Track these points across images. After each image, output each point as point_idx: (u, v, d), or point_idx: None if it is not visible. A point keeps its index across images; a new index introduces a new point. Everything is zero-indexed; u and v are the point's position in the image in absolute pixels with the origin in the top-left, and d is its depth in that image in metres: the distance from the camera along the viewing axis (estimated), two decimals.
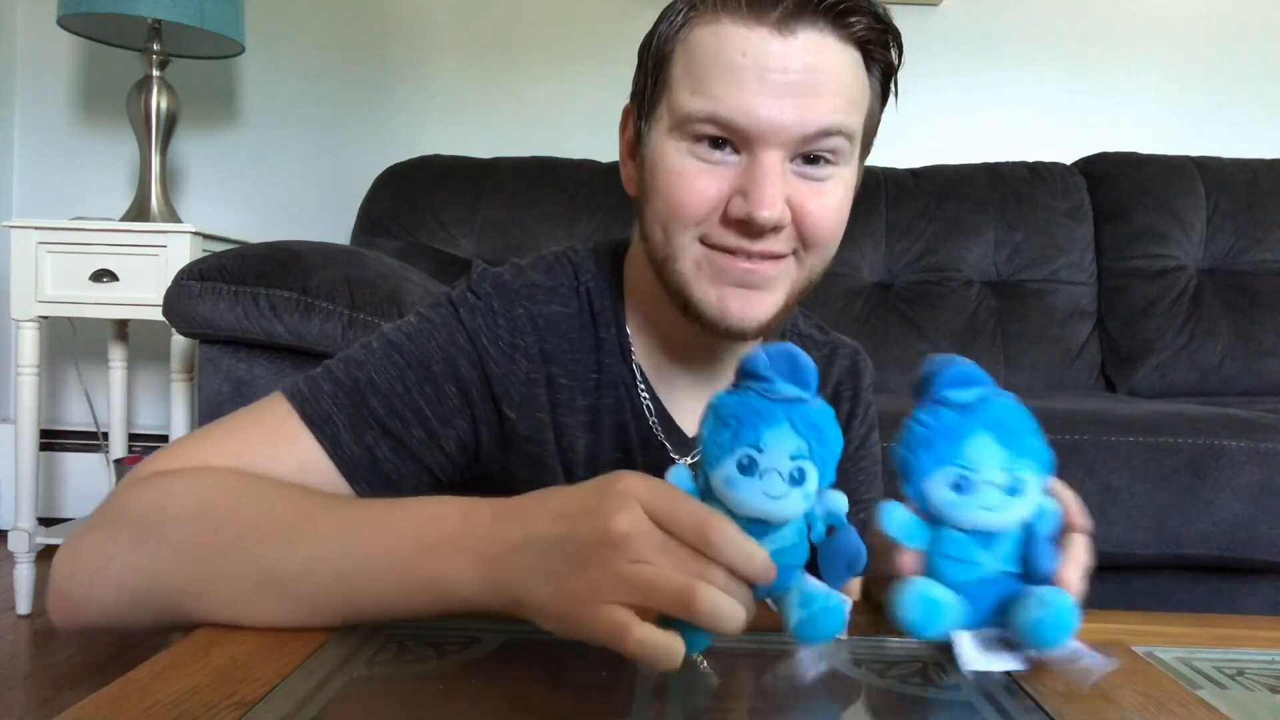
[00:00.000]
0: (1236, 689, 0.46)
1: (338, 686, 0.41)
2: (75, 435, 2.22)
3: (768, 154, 0.58)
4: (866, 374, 0.81)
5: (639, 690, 0.42)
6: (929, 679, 0.46)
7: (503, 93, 2.24)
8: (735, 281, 0.61)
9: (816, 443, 0.44)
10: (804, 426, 0.44)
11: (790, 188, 0.59)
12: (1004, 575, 0.47)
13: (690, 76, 0.59)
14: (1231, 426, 1.31)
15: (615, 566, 0.40)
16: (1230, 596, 1.36)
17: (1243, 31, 2.24)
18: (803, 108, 0.57)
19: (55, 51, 2.22)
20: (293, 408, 0.59)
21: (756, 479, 0.43)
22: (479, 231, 1.90)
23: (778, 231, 0.59)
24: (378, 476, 0.60)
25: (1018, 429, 0.46)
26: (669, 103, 0.61)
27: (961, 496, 0.45)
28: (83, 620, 0.53)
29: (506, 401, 0.65)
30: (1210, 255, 1.99)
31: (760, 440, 0.43)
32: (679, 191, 0.60)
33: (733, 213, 0.59)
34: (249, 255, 1.22)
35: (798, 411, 0.44)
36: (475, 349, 0.64)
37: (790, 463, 0.43)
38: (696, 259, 0.61)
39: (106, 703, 0.39)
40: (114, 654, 1.53)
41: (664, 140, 0.61)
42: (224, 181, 2.26)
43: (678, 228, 0.61)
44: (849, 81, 0.60)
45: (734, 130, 0.58)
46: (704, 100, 0.58)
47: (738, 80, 0.57)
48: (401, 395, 0.61)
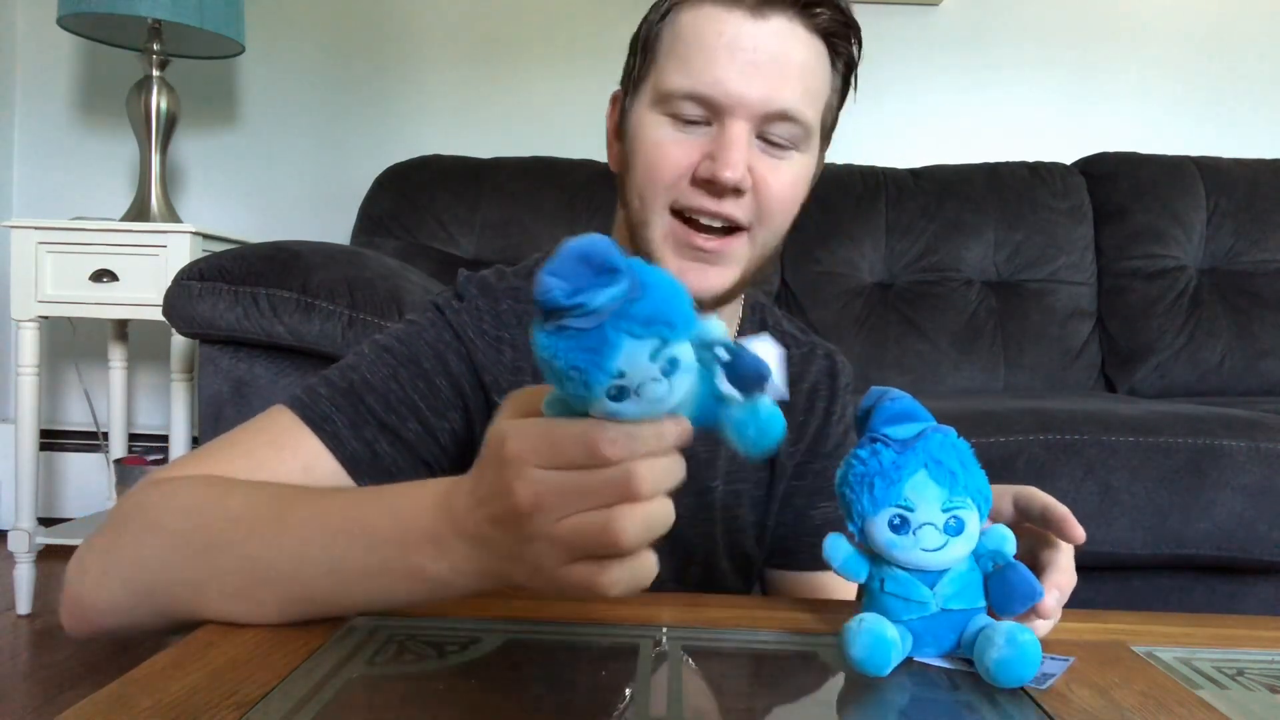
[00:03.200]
0: (1236, 689, 0.46)
1: (338, 686, 0.41)
2: (75, 435, 2.22)
3: (735, 124, 0.63)
4: (844, 375, 0.83)
5: (639, 690, 0.42)
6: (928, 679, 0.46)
7: (503, 93, 2.24)
8: (694, 256, 0.66)
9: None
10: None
11: (753, 158, 0.64)
12: (951, 612, 0.46)
13: (673, 56, 0.65)
14: (1231, 426, 1.31)
15: (542, 533, 0.39)
16: (1230, 596, 1.36)
17: (1243, 31, 2.24)
18: (769, 86, 0.63)
19: (55, 51, 2.22)
20: (294, 414, 0.61)
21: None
22: (479, 231, 1.90)
23: (739, 195, 0.64)
24: (379, 471, 0.62)
25: (956, 466, 0.46)
26: (654, 80, 0.66)
27: (901, 537, 0.45)
28: (93, 621, 0.53)
29: (495, 390, 0.68)
30: (1210, 255, 1.99)
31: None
32: (657, 158, 0.65)
33: (701, 174, 0.63)
34: (249, 255, 1.22)
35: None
36: (462, 343, 0.68)
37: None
38: (665, 230, 0.66)
39: (106, 703, 0.39)
40: (114, 654, 1.53)
41: (645, 114, 0.66)
42: (224, 181, 2.26)
43: (652, 193, 0.66)
44: (812, 72, 0.65)
45: (706, 101, 0.63)
46: (683, 77, 0.64)
47: (714, 57, 0.63)
48: (396, 392, 0.64)
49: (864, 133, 2.17)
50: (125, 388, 2.05)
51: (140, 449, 2.15)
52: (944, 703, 0.43)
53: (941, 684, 0.45)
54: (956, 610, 0.46)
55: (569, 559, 0.39)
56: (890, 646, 0.45)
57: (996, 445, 1.27)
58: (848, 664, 0.45)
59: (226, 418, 1.20)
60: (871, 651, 0.44)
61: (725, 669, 0.46)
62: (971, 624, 0.47)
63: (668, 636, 0.49)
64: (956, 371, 1.85)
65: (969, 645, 0.46)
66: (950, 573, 0.46)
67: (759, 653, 0.49)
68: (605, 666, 0.44)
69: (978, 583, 0.47)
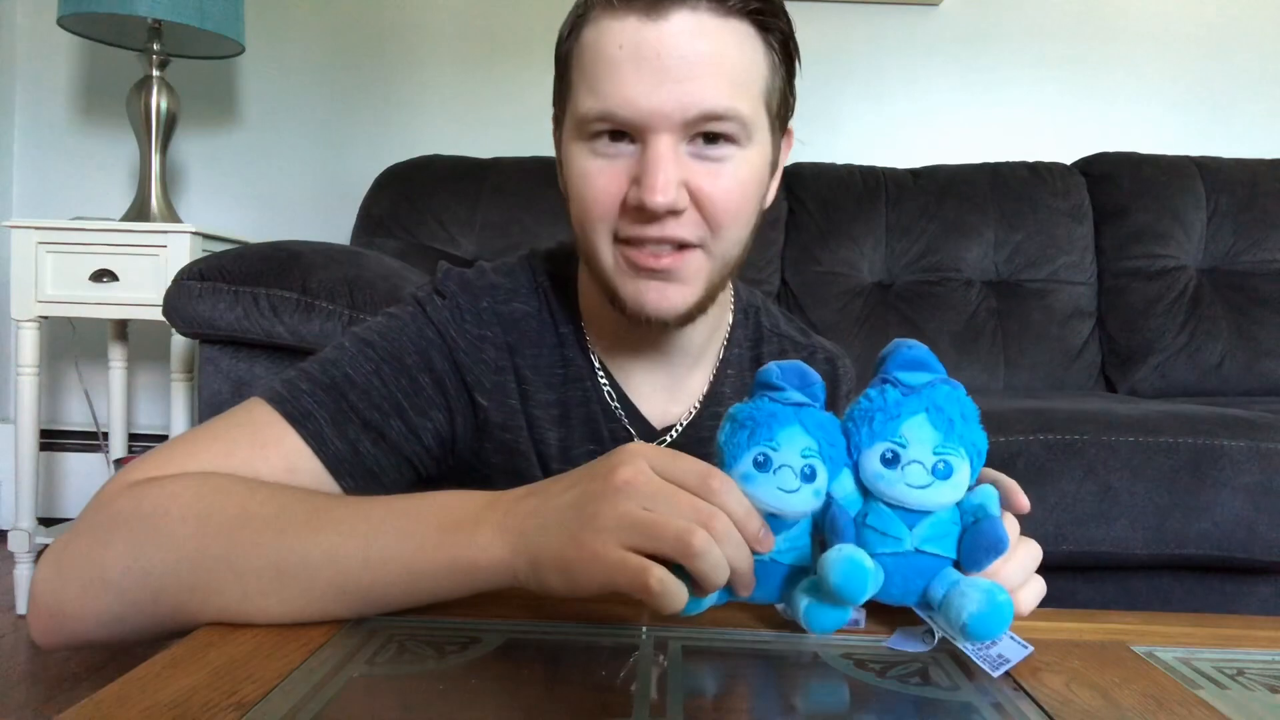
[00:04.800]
0: (1236, 689, 0.46)
1: (338, 686, 0.41)
2: (75, 435, 2.22)
3: (657, 140, 0.59)
4: (845, 382, 0.83)
5: (639, 690, 0.42)
6: (929, 679, 0.46)
7: (503, 93, 2.24)
8: (648, 275, 0.62)
9: (826, 443, 0.48)
10: (814, 427, 0.48)
11: (687, 171, 0.60)
12: (922, 555, 0.48)
13: (583, 78, 0.61)
14: (1231, 426, 1.31)
15: (621, 508, 0.43)
16: (1230, 596, 1.36)
17: (1242, 31, 2.24)
18: (681, 93, 0.57)
19: (55, 51, 2.22)
20: (274, 409, 0.60)
21: (771, 474, 0.47)
22: (479, 231, 1.90)
23: (677, 216, 0.60)
24: (361, 471, 0.61)
25: (955, 415, 0.47)
26: (572, 107, 0.62)
27: (889, 471, 0.47)
28: (71, 633, 0.51)
29: (478, 389, 0.67)
30: (1210, 255, 1.99)
31: (775, 439, 0.47)
32: (586, 191, 0.62)
33: (630, 201, 0.60)
34: (249, 255, 1.22)
35: (808, 415, 0.48)
36: (444, 341, 0.67)
37: (802, 460, 0.47)
38: (614, 257, 0.63)
39: (106, 703, 0.39)
40: (114, 654, 1.53)
41: (570, 144, 0.63)
42: (224, 181, 2.26)
43: (590, 227, 0.63)
44: (733, 62, 0.59)
45: (621, 123, 0.59)
46: (593, 99, 0.59)
47: (617, 73, 0.58)
48: (379, 389, 0.63)
49: (864, 133, 2.17)
50: (125, 388, 2.05)
51: (140, 449, 2.15)
52: (944, 703, 0.43)
53: (942, 684, 0.45)
54: (929, 555, 0.48)
55: (623, 542, 0.42)
56: (867, 575, 0.46)
57: (996, 445, 1.26)
58: (825, 592, 0.46)
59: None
60: (848, 579, 0.45)
61: (725, 669, 0.46)
62: (940, 577, 0.48)
63: (668, 637, 0.49)
64: (956, 371, 1.84)
65: (937, 601, 0.47)
66: (931, 517, 0.48)
67: (759, 653, 0.49)
68: (605, 666, 0.44)
69: (954, 536, 0.48)
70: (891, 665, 0.47)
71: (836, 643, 0.50)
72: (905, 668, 0.47)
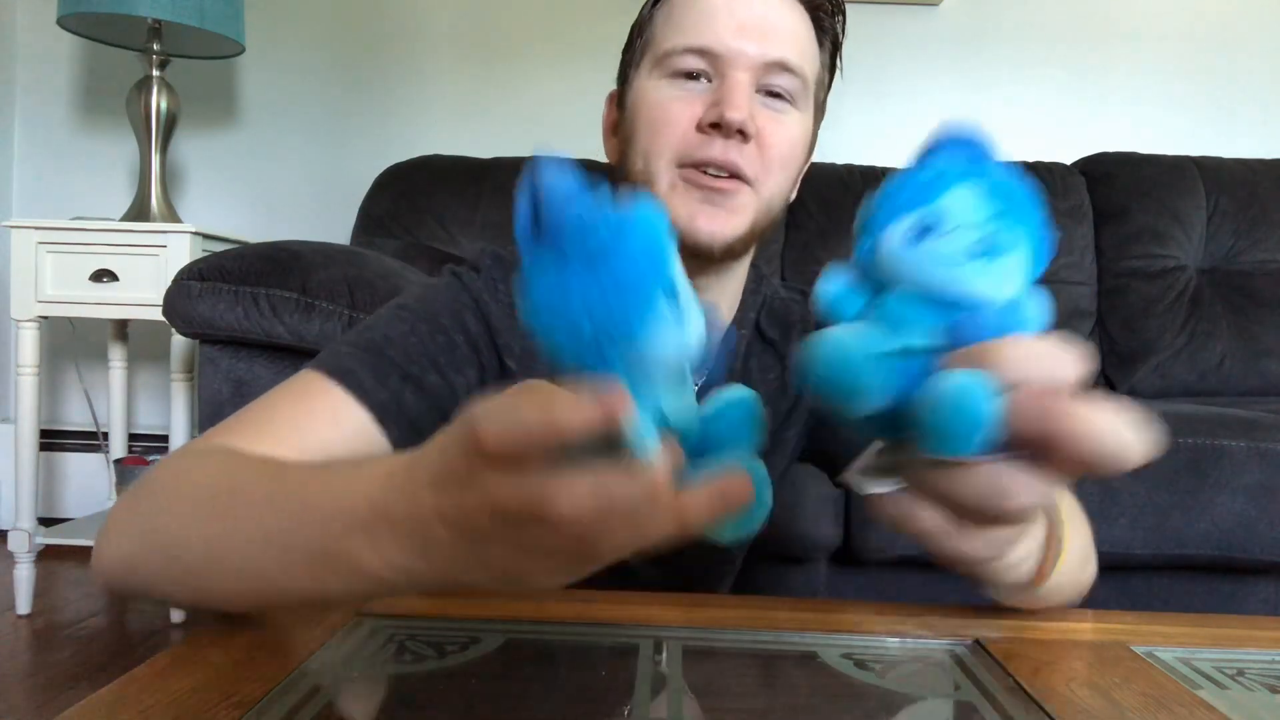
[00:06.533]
0: (1236, 689, 0.46)
1: (338, 686, 0.41)
2: (75, 435, 2.22)
3: (735, 73, 0.65)
4: None
5: (639, 690, 0.42)
6: (929, 679, 0.46)
7: (503, 93, 2.24)
8: (705, 198, 0.66)
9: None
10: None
11: (755, 109, 0.66)
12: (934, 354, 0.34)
13: (670, 24, 0.68)
14: (1231, 426, 1.31)
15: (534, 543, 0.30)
16: (1230, 596, 1.36)
17: (1243, 31, 2.24)
18: (764, 42, 0.66)
19: (55, 51, 2.22)
20: (318, 372, 0.62)
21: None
22: (479, 231, 1.90)
23: (745, 141, 0.65)
24: (405, 421, 0.62)
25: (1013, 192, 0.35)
26: (652, 50, 0.69)
27: (916, 245, 0.34)
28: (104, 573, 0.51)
29: (509, 353, 0.70)
30: (1210, 255, 1.99)
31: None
32: (661, 114, 0.67)
33: (706, 120, 0.65)
34: (249, 255, 1.22)
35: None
36: (478, 305, 0.70)
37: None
38: (671, 180, 0.67)
39: (106, 703, 0.39)
40: (114, 654, 1.53)
41: (646, 82, 0.69)
42: (224, 181, 2.26)
43: (657, 150, 0.67)
44: (802, 36, 0.68)
45: (707, 54, 0.66)
46: (682, 36, 0.67)
47: (712, 17, 0.66)
48: (415, 345, 0.66)
49: (864, 133, 2.17)
50: (125, 388, 2.05)
51: (140, 449, 2.15)
52: (944, 703, 0.43)
53: (942, 684, 0.45)
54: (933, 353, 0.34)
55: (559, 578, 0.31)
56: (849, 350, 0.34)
57: None
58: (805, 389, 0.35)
59: (226, 418, 1.20)
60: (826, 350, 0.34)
61: (725, 669, 0.46)
62: None
63: (668, 637, 0.49)
64: None
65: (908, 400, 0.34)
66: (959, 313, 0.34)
67: (759, 653, 0.49)
68: (605, 666, 0.44)
69: None
70: (892, 665, 0.47)
71: (837, 643, 0.50)
72: (906, 668, 0.47)
